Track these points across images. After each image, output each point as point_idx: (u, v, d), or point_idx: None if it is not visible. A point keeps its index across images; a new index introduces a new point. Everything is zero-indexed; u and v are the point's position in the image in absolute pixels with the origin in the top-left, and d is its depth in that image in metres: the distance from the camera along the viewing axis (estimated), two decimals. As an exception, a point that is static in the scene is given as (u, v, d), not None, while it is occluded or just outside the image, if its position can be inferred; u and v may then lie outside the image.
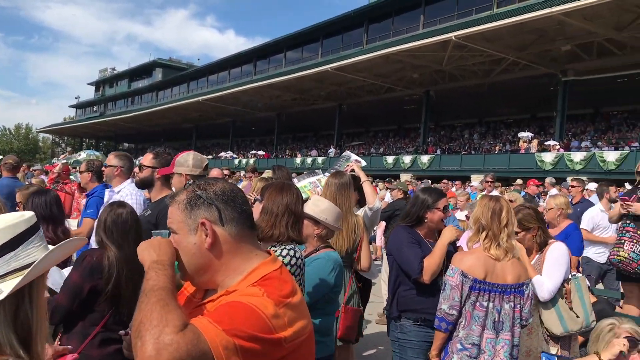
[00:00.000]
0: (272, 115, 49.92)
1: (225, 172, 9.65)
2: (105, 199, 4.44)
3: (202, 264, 1.55)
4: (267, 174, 7.84)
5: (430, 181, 19.16)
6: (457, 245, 5.57)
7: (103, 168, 4.96)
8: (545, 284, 3.66)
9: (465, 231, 6.10)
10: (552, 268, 3.71)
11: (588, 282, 5.01)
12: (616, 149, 26.52)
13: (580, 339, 4.70)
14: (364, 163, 5.38)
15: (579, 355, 4.48)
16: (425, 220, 3.67)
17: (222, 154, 51.54)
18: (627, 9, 22.49)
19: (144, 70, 74.68)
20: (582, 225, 7.25)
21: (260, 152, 47.32)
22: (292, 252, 2.70)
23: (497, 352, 3.09)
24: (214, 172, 6.03)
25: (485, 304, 3.09)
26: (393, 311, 3.69)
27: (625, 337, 2.62)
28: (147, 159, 4.09)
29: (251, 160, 41.83)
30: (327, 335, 3.28)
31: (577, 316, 3.61)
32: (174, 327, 1.30)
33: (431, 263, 3.51)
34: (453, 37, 26.65)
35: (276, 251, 2.69)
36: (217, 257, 1.55)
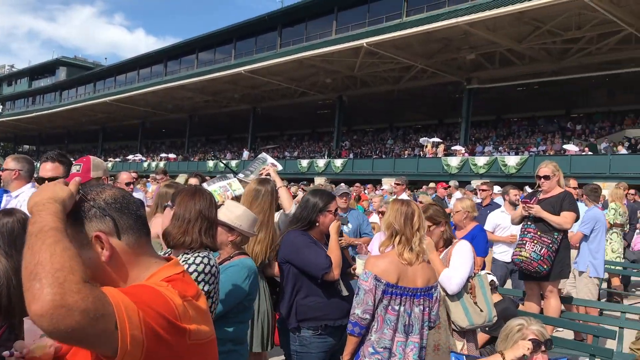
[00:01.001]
0: (183, 117, 48.85)
1: (133, 175, 9.26)
2: (2, 205, 4.13)
3: (99, 279, 1.40)
4: (184, 178, 7.62)
5: (343, 184, 19.36)
6: (368, 249, 5.67)
7: (0, 172, 4.61)
8: (453, 277, 3.79)
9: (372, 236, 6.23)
10: (458, 263, 3.85)
11: (497, 281, 5.24)
12: (516, 153, 28.07)
13: (484, 337, 4.90)
14: (280, 167, 5.32)
15: (486, 353, 4.66)
16: (317, 224, 3.62)
17: (131, 156, 49.87)
18: (526, 22, 23.88)
19: (46, 69, 70.80)
20: (485, 227, 7.60)
21: (172, 155, 46.12)
22: (205, 260, 2.61)
23: (407, 354, 3.14)
24: (123, 176, 5.77)
25: (397, 307, 3.12)
26: (291, 322, 3.55)
27: (530, 339, 2.74)
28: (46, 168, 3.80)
29: (161, 164, 40.71)
30: (241, 344, 3.21)
31: (481, 310, 3.76)
32: (81, 276, 1.16)
33: (335, 258, 3.48)
34: (365, 44, 27.23)
35: (189, 259, 2.59)
36: (115, 271, 1.43)
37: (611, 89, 32.14)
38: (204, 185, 4.82)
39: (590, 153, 25.30)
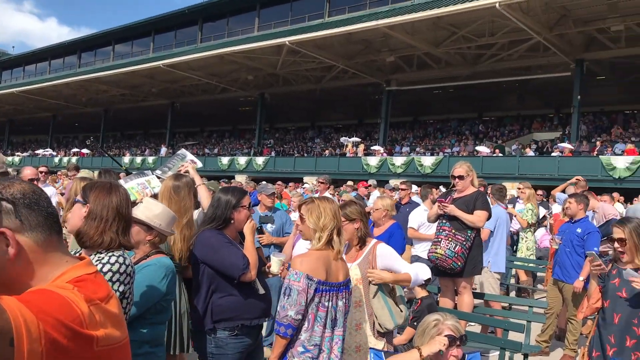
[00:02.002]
0: (98, 111, 46.96)
1: (42, 169, 8.77)
2: None
3: (3, 278, 1.32)
4: (84, 173, 7.29)
5: (264, 182, 19.27)
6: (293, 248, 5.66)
7: None
8: (419, 274, 3.96)
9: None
10: (400, 261, 3.99)
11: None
12: (432, 154, 29.00)
13: (411, 332, 5.01)
14: (199, 164, 5.19)
15: (403, 349, 4.77)
16: (232, 221, 3.57)
17: (40, 151, 47.38)
18: (442, 27, 24.72)
19: (-57, 56, 66.03)
20: (409, 224, 7.80)
21: (85, 150, 44.20)
22: (121, 259, 2.50)
23: (332, 348, 3.17)
24: (27, 172, 5.43)
25: (326, 304, 3.14)
26: (206, 323, 3.47)
27: (446, 335, 2.82)
28: None
29: (73, 159, 38.96)
30: (158, 346, 3.10)
31: (401, 310, 3.85)
32: None
33: (251, 258, 3.44)
34: (287, 42, 27.24)
35: (103, 258, 2.46)
36: (22, 270, 1.34)
37: (521, 94, 33.88)
38: (121, 181, 4.64)
39: (500, 155, 26.53)
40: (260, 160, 33.29)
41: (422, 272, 4.25)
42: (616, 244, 3.77)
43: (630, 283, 3.59)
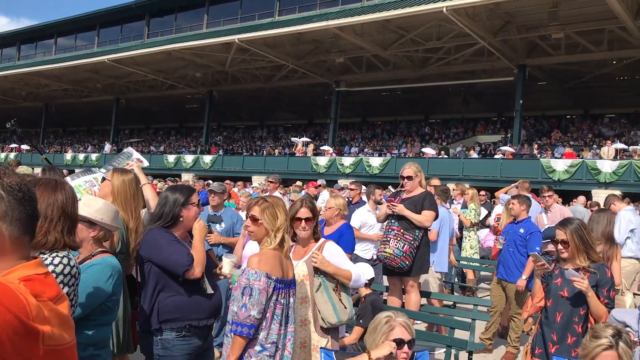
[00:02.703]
0: (39, 106, 45.29)
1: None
2: None
3: None
4: (23, 169, 7.02)
5: (211, 181, 19.04)
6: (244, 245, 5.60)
7: None
8: (364, 274, 3.90)
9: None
10: (347, 262, 4.04)
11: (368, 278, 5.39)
12: (380, 155, 29.36)
13: (359, 331, 5.03)
14: (146, 163, 5.07)
15: (352, 348, 4.80)
16: (181, 219, 3.50)
17: (-25, 146, 45.36)
18: (391, 29, 25.05)
19: None
20: (351, 224, 7.84)
21: (24, 147, 42.50)
22: (65, 260, 2.40)
23: (286, 345, 3.19)
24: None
25: (282, 301, 3.16)
26: (153, 323, 3.37)
27: (395, 339, 2.84)
28: None
29: (12, 155, 37.42)
30: (103, 348, 3.01)
31: (345, 307, 3.86)
32: None
33: (198, 256, 3.38)
34: (236, 40, 27.02)
35: (46, 259, 2.37)
36: None
37: (466, 98, 34.73)
38: (67, 179, 4.49)
39: (445, 156, 27.11)
40: (207, 158, 32.87)
41: (366, 273, 4.30)
42: (559, 245, 3.90)
43: (571, 283, 3.72)
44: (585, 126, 30.50)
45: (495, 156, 25.32)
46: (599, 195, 18.28)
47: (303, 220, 3.89)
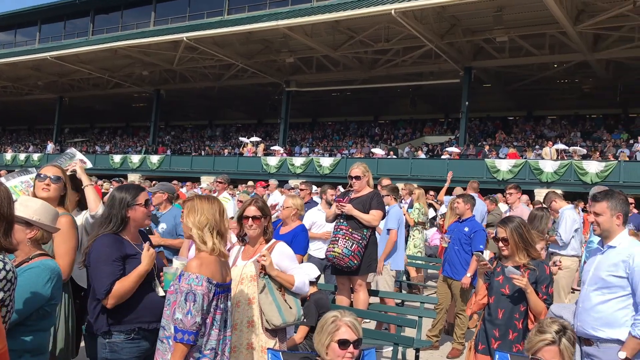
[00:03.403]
0: (-25, 104, 43.46)
1: None
2: None
3: None
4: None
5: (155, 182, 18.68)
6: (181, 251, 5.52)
7: None
8: (309, 274, 4.03)
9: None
10: (295, 266, 4.04)
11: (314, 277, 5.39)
12: (330, 155, 29.49)
13: (305, 329, 5.03)
14: (89, 165, 4.92)
15: (301, 347, 4.80)
16: (129, 220, 3.45)
17: None
18: (341, 30, 25.22)
19: None
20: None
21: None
22: (1, 265, 2.31)
23: (224, 350, 3.14)
24: None
25: (222, 306, 3.11)
26: (101, 326, 3.29)
27: (340, 340, 2.85)
28: None
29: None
30: (40, 354, 2.90)
31: (290, 307, 3.86)
32: None
33: (123, 286, 3.25)
34: (185, 38, 26.65)
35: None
36: None
37: (414, 99, 35.24)
38: (2, 179, 4.32)
39: (394, 157, 27.47)
40: (155, 158, 32.25)
41: (312, 272, 4.31)
42: (500, 243, 4.01)
43: (512, 280, 3.82)
44: (528, 127, 31.48)
45: (442, 156, 25.82)
46: (542, 195, 18.87)
47: (250, 219, 3.87)
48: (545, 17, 21.04)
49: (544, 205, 8.04)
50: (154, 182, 20.18)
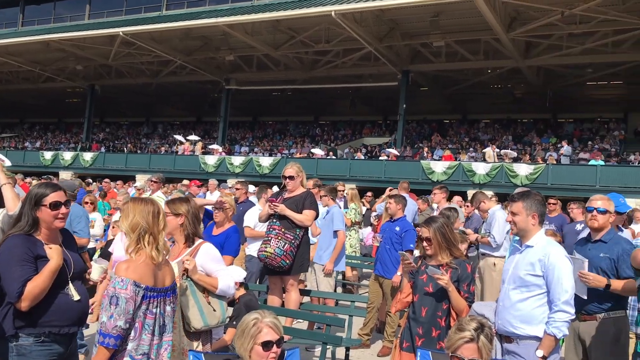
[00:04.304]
0: None
1: None
2: None
3: None
4: None
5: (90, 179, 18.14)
6: (111, 251, 5.36)
7: None
8: (233, 276, 3.99)
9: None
10: (221, 268, 3.97)
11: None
12: (270, 155, 29.39)
13: (233, 332, 4.98)
14: (8, 163, 4.72)
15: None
16: (39, 221, 3.29)
17: None
18: (281, 30, 25.19)
19: None
20: (245, 224, 7.85)
21: None
22: None
23: (161, 355, 3.08)
24: None
25: (154, 310, 3.04)
26: (8, 329, 3.15)
27: (263, 342, 2.84)
28: None
29: None
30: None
31: (214, 310, 3.82)
32: None
33: (36, 286, 3.12)
34: (121, 33, 25.98)
35: None
36: None
37: (353, 101, 35.62)
38: None
39: (333, 157, 27.68)
40: (88, 156, 31.22)
41: (238, 276, 4.28)
42: (424, 243, 4.10)
43: (434, 279, 3.92)
44: (462, 130, 32.38)
45: (380, 158, 26.21)
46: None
47: (175, 217, 3.82)
48: (480, 24, 21.70)
49: (452, 206, 8.26)
50: (87, 180, 19.57)
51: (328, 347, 5.02)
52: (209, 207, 7.18)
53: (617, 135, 27.77)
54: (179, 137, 31.70)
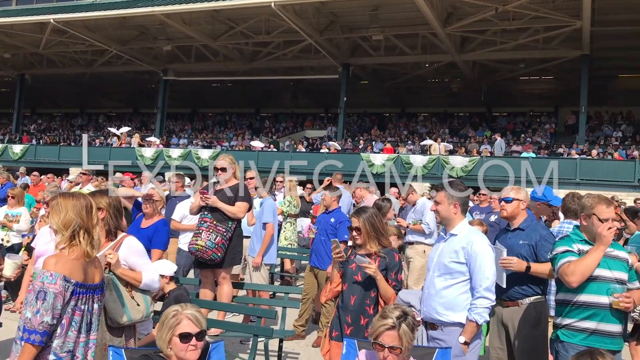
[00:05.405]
0: None
1: None
2: None
3: None
4: None
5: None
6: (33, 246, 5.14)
7: None
8: (163, 270, 4.15)
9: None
10: (145, 262, 3.90)
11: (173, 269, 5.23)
12: (210, 147, 28.97)
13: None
14: None
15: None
16: None
17: None
18: (221, 20, 24.82)
19: None
20: (172, 216, 7.69)
21: None
22: None
23: (86, 354, 3.01)
24: None
25: (82, 307, 2.96)
26: None
27: (180, 334, 2.80)
28: None
29: None
30: None
31: (138, 305, 3.73)
32: None
33: None
34: (52, 20, 25.01)
35: None
36: None
37: (295, 93, 35.59)
38: None
39: (274, 150, 27.56)
40: (17, 148, 29.87)
41: (166, 270, 4.20)
42: (353, 232, 4.13)
43: (363, 268, 3.95)
44: (401, 124, 32.88)
45: (322, 150, 26.28)
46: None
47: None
48: (418, 18, 22.05)
49: (388, 196, 8.48)
50: (20, 171, 18.79)
51: (260, 339, 4.99)
52: (140, 199, 7.00)
53: (548, 128, 28.87)
54: (113, 130, 30.77)
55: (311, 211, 11.85)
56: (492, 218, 8.29)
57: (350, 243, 4.35)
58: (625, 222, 6.19)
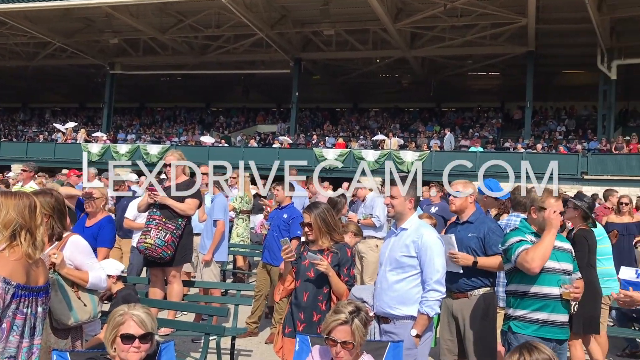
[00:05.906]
0: None
1: None
2: None
3: None
4: None
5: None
6: None
7: None
8: (109, 270, 4.05)
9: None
10: (91, 261, 3.79)
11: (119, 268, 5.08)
12: (159, 142, 28.43)
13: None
14: None
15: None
16: None
17: None
18: (169, 13, 24.35)
19: None
20: (125, 215, 7.54)
21: None
22: None
23: (30, 358, 2.88)
24: None
25: (25, 310, 2.83)
26: None
27: (122, 334, 2.73)
28: None
29: None
30: None
31: (85, 305, 3.62)
32: None
33: None
34: (-10, 11, 23.94)
35: None
36: None
37: (246, 88, 35.28)
38: None
39: (226, 145, 27.27)
40: (-46, 144, 28.63)
41: (112, 269, 4.09)
42: (305, 229, 4.10)
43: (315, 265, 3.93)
44: (353, 119, 33.07)
45: (274, 145, 26.18)
46: (364, 181, 19.96)
47: None
48: (368, 14, 22.18)
49: (342, 192, 8.56)
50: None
51: (212, 337, 4.91)
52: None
53: (495, 123, 29.56)
54: (58, 125, 29.80)
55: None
56: (433, 210, 8.45)
57: (303, 239, 4.32)
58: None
